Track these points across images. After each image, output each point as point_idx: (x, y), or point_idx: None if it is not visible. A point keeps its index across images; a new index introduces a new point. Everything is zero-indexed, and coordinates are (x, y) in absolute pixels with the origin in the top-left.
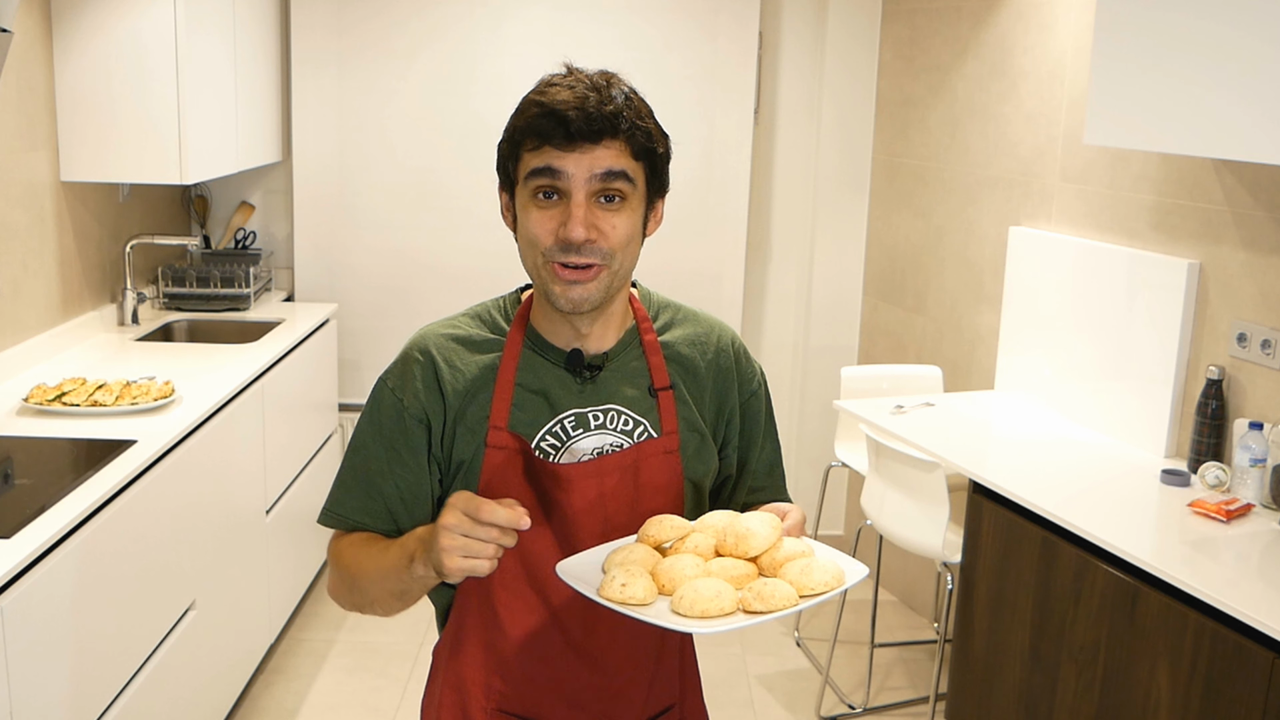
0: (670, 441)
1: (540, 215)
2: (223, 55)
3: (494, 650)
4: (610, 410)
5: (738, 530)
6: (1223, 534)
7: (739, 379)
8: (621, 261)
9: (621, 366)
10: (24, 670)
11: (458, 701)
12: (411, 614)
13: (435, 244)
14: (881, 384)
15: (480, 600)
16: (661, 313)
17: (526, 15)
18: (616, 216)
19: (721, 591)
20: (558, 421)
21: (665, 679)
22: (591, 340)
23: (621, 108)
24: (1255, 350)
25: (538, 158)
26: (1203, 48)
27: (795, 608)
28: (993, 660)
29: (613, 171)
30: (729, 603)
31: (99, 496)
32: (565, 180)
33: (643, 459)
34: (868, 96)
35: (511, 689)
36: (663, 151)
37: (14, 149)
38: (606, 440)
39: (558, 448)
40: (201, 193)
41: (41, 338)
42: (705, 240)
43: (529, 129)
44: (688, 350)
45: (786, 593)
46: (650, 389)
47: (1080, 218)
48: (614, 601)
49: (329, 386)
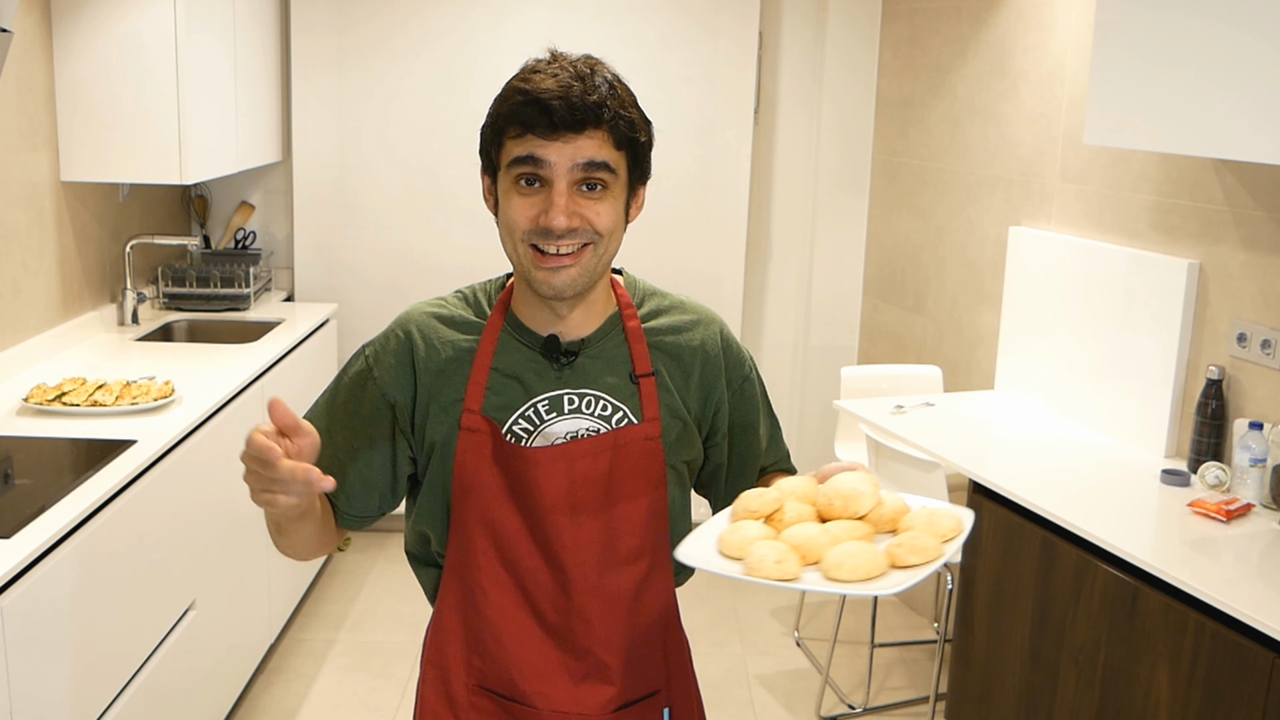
0: (651, 428)
1: (522, 202)
2: (223, 55)
3: (473, 629)
4: (587, 395)
5: (844, 492)
6: (1223, 534)
7: (728, 367)
8: (607, 245)
9: (601, 352)
10: (24, 670)
11: (440, 677)
12: (411, 614)
13: (435, 244)
14: (881, 384)
15: (460, 580)
16: (647, 300)
17: (526, 15)
18: (599, 204)
19: (875, 553)
20: (530, 406)
21: (645, 664)
22: (571, 326)
23: (605, 97)
24: (1255, 350)
25: (520, 145)
26: (1202, 48)
27: (944, 558)
28: (993, 660)
29: (595, 162)
30: (883, 562)
31: (99, 496)
32: (547, 169)
33: (621, 444)
34: (868, 96)
35: (490, 667)
36: (645, 140)
37: (14, 149)
38: (582, 425)
39: (530, 431)
40: (201, 193)
41: (41, 338)
42: (705, 240)
43: (512, 116)
44: (673, 338)
45: (931, 544)
46: (631, 375)
47: (1080, 218)
48: (772, 579)
49: None
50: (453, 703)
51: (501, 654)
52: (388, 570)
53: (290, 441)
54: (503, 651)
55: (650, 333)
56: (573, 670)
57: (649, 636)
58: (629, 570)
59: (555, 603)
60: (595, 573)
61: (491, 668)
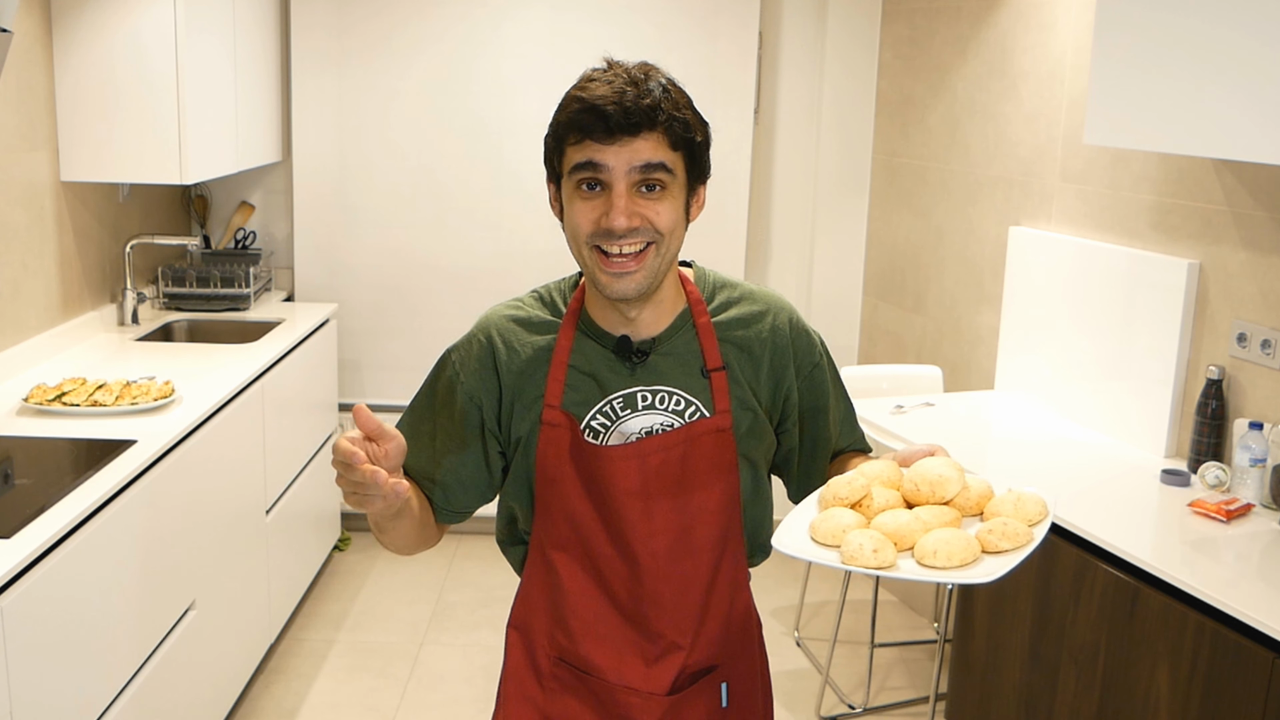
0: (723, 420)
1: (584, 206)
2: (223, 55)
3: (555, 606)
4: (660, 391)
5: (929, 477)
6: (1223, 534)
7: (796, 355)
8: (669, 244)
9: (673, 349)
10: (24, 670)
11: (525, 644)
12: (411, 615)
13: (435, 244)
14: (881, 384)
15: (544, 561)
16: (718, 293)
17: (526, 15)
18: (659, 204)
19: (968, 539)
20: (607, 402)
21: (707, 643)
22: (641, 326)
23: (659, 100)
24: (1255, 350)
25: (580, 152)
26: (1203, 48)
27: (1035, 542)
28: (993, 660)
29: (651, 164)
30: (976, 548)
31: (99, 496)
32: (606, 173)
33: (693, 437)
34: (868, 96)
35: (569, 642)
36: (701, 140)
37: (14, 149)
38: (656, 420)
39: (608, 427)
40: (201, 193)
41: (41, 338)
42: (705, 240)
43: (570, 124)
44: (742, 330)
45: (1021, 528)
46: (703, 370)
47: (1080, 218)
48: (870, 568)
49: (329, 386)
50: (537, 670)
51: (581, 631)
52: (388, 570)
53: (376, 446)
54: (582, 629)
55: (720, 327)
56: (646, 652)
57: (715, 615)
58: (702, 558)
59: (629, 588)
60: (667, 561)
61: (570, 643)
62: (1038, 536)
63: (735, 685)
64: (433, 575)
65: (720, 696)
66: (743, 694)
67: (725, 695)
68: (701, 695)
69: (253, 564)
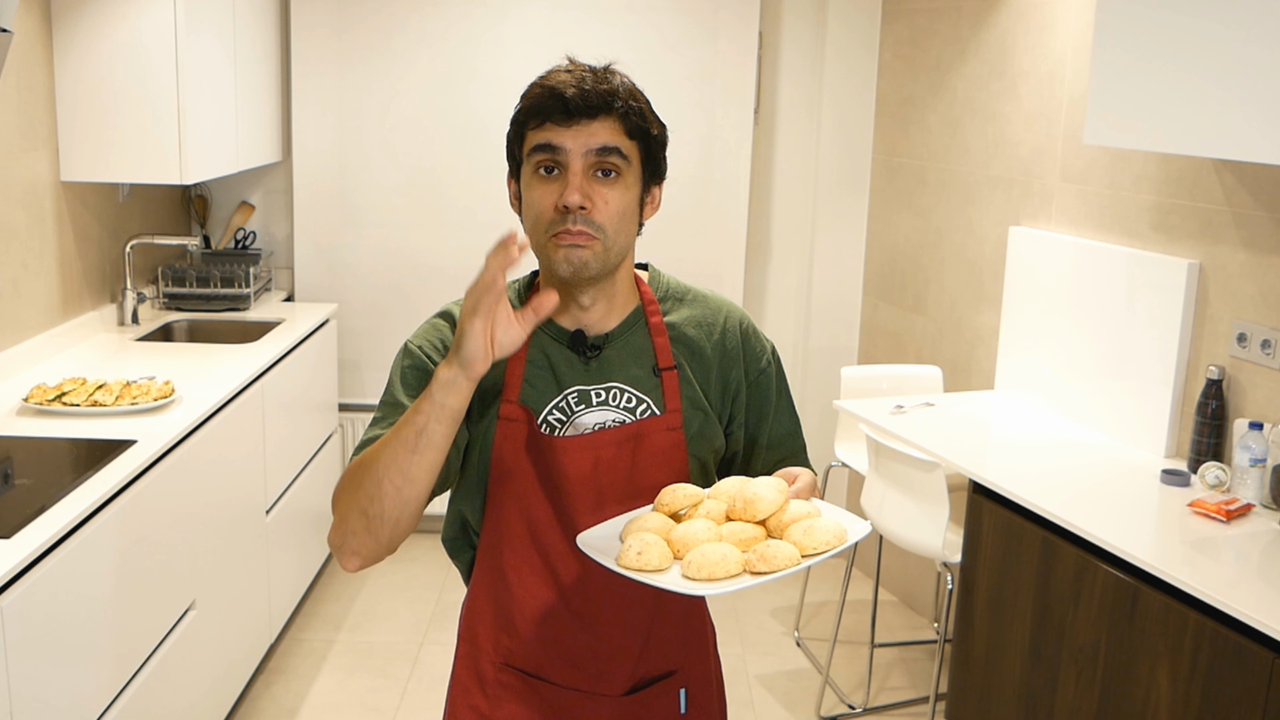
0: (673, 419)
1: (542, 189)
2: (223, 55)
3: (503, 609)
4: (613, 388)
5: (746, 495)
6: (1223, 534)
7: (745, 358)
8: (614, 238)
9: (625, 346)
10: (24, 670)
11: (470, 654)
12: (411, 615)
13: (435, 244)
14: (881, 384)
15: (493, 562)
16: (670, 294)
17: (526, 15)
18: (611, 190)
19: (727, 554)
20: (563, 397)
21: (660, 645)
22: (595, 321)
23: (617, 88)
24: (1255, 350)
25: (539, 134)
26: (1203, 48)
27: (797, 567)
28: (993, 660)
29: (607, 147)
30: (735, 565)
31: (99, 496)
32: (564, 155)
33: (644, 434)
34: (868, 96)
35: (517, 645)
36: (657, 134)
37: (14, 149)
38: (608, 416)
39: (563, 421)
40: (201, 193)
41: (41, 338)
42: (705, 240)
43: (531, 109)
44: (693, 331)
45: (789, 553)
46: (655, 368)
47: (1080, 218)
48: (630, 569)
49: (329, 386)
50: (481, 679)
51: (528, 633)
52: (388, 570)
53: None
54: (530, 631)
55: (672, 327)
56: (596, 652)
57: (669, 617)
58: None
59: (581, 587)
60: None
61: (519, 646)
62: (801, 564)
63: (694, 691)
64: (433, 575)
65: (679, 703)
66: (701, 700)
67: (684, 701)
68: (659, 700)
69: (253, 564)
